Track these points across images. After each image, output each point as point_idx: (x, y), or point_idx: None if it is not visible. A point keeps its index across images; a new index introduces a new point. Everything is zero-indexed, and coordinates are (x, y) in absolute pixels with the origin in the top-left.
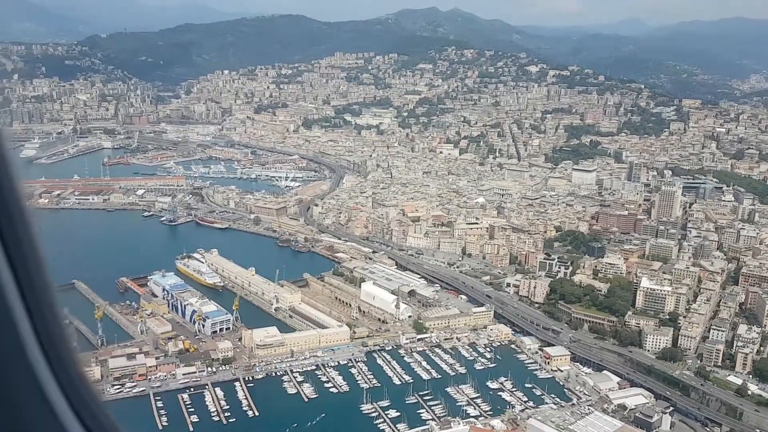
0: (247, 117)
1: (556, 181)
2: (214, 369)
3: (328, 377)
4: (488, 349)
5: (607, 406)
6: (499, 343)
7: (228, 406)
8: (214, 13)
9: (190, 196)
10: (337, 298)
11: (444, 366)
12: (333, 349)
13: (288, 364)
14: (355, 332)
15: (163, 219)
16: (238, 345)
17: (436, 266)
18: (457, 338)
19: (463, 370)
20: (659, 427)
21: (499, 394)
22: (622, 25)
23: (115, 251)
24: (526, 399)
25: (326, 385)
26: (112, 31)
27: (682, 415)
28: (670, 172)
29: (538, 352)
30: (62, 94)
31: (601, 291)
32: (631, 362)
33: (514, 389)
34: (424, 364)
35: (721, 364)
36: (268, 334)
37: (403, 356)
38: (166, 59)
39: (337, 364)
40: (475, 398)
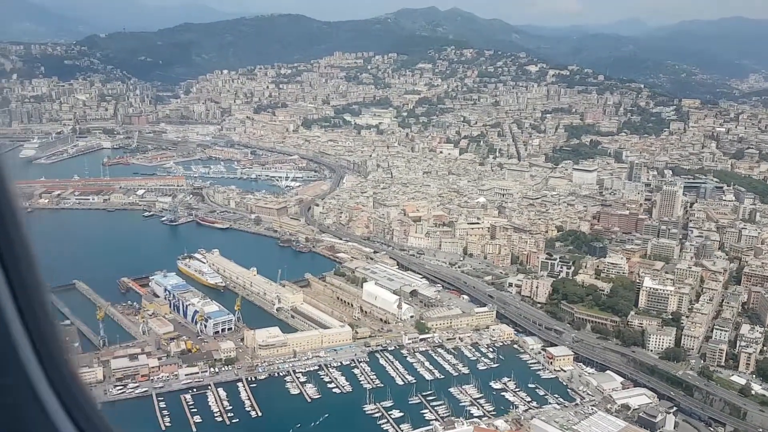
0: (247, 117)
1: (557, 181)
2: (217, 369)
3: (330, 377)
4: (491, 349)
5: (610, 406)
6: (502, 343)
7: (231, 407)
8: (213, 12)
9: (191, 196)
10: (338, 298)
11: (447, 366)
12: (335, 350)
13: (290, 365)
14: (358, 332)
15: (163, 219)
16: (240, 345)
17: (438, 266)
18: (459, 338)
19: (465, 371)
20: (663, 427)
21: (503, 394)
22: (621, 25)
23: (116, 251)
24: (529, 399)
25: (329, 385)
26: (111, 30)
27: (686, 415)
28: (670, 172)
29: (540, 352)
30: (61, 94)
31: (604, 291)
32: (634, 362)
33: (517, 389)
34: (427, 364)
35: (724, 364)
36: (270, 335)
37: (406, 356)
38: (166, 59)
39: (339, 364)
40: (478, 398)
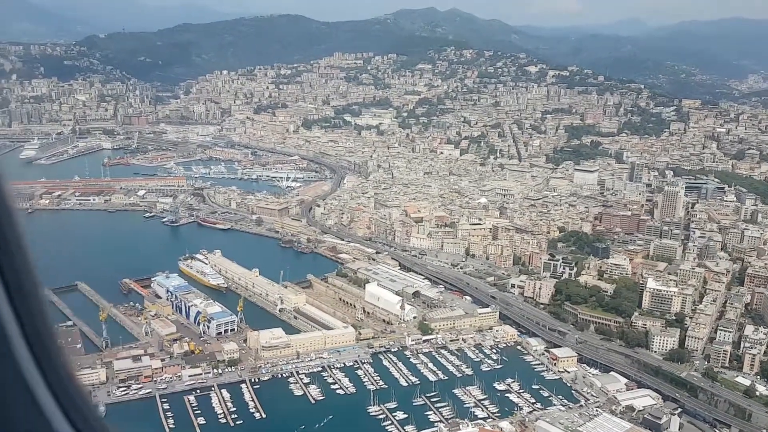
0: (247, 117)
1: (558, 182)
2: (220, 371)
3: (334, 379)
4: (494, 351)
5: (615, 408)
6: (505, 345)
7: (235, 408)
8: (212, 13)
9: (192, 196)
10: (341, 299)
11: (450, 367)
12: (339, 351)
13: (294, 366)
14: (361, 333)
15: (164, 220)
16: (243, 346)
17: (440, 267)
18: (462, 339)
19: (469, 372)
20: (668, 429)
21: (507, 395)
22: (621, 25)
23: (118, 252)
24: (533, 401)
25: (332, 386)
26: (111, 31)
27: (691, 416)
28: (671, 173)
29: (544, 354)
30: (61, 94)
31: (607, 292)
32: (638, 363)
33: (521, 391)
34: (431, 365)
35: (728, 365)
36: (273, 336)
37: (409, 357)
38: (165, 59)
39: (343, 365)
40: (482, 400)
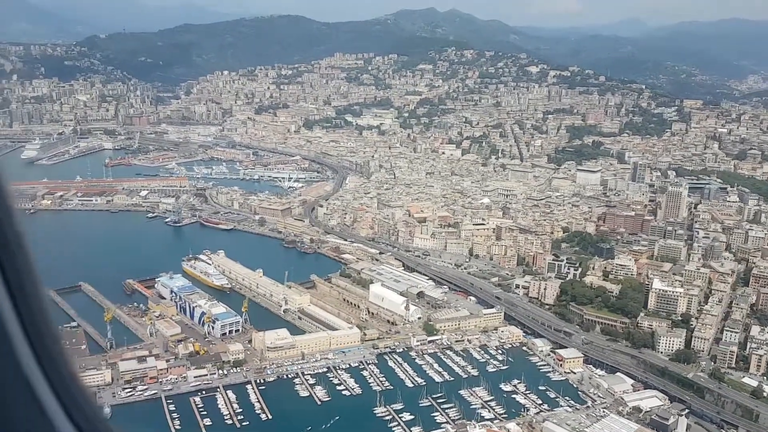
0: (248, 118)
1: (561, 182)
2: (225, 372)
3: (339, 380)
4: (500, 351)
5: (621, 409)
6: (511, 345)
7: (240, 409)
8: (213, 13)
9: (194, 197)
10: (345, 300)
11: (456, 368)
12: (344, 351)
13: (299, 367)
14: (366, 334)
15: (167, 220)
16: (248, 347)
17: (444, 267)
18: (468, 340)
19: (475, 373)
20: (675, 430)
21: (513, 396)
22: (621, 26)
23: (121, 252)
24: (540, 402)
25: (338, 387)
26: (112, 31)
27: (698, 417)
28: (673, 173)
29: (550, 354)
30: (62, 94)
31: (613, 292)
32: (645, 364)
33: (527, 392)
34: (436, 366)
35: (735, 366)
36: (278, 336)
37: (415, 358)
38: (166, 60)
39: (348, 366)
40: (489, 401)
